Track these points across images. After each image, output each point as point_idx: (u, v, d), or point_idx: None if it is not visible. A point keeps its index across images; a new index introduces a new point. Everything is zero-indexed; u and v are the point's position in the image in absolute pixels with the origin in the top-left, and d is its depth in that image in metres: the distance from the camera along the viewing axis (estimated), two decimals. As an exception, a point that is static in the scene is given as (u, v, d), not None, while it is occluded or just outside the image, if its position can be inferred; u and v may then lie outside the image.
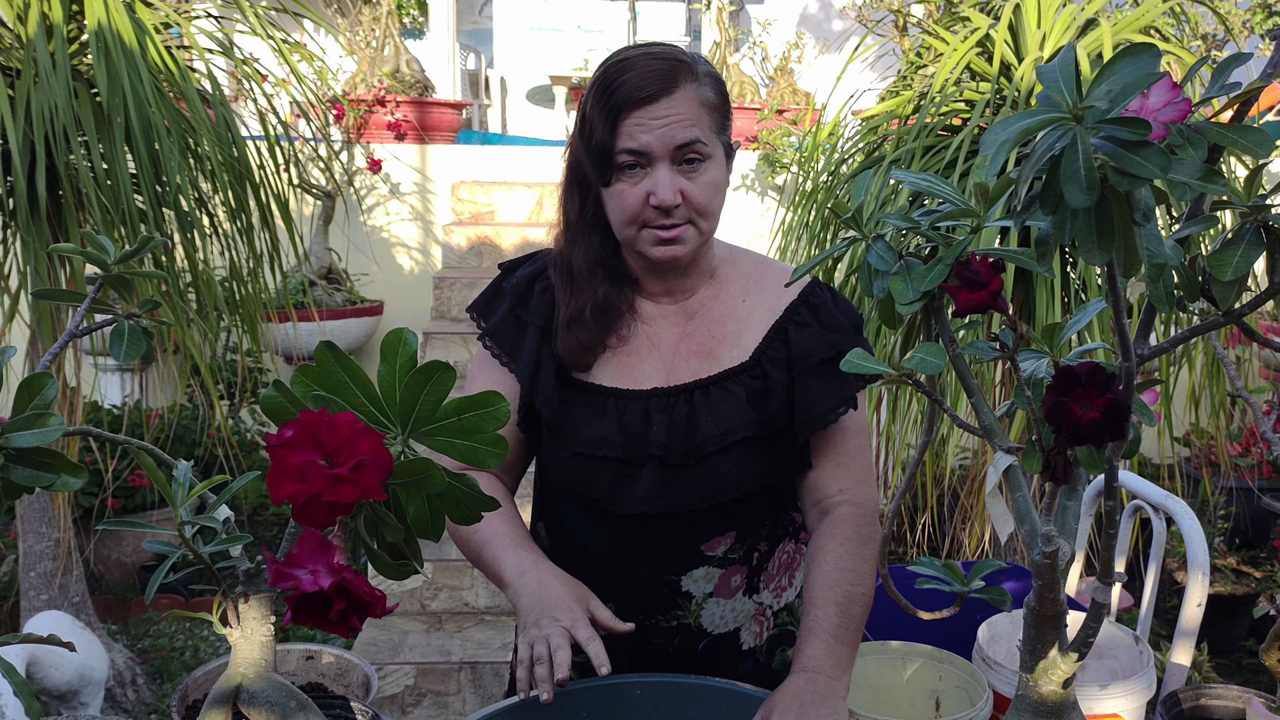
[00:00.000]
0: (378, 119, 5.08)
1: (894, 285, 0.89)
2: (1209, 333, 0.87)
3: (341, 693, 1.33)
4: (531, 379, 1.41)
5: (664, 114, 1.28)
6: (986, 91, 2.79)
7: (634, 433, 1.37)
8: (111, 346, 0.98)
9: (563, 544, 1.49)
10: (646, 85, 1.28)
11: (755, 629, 1.48)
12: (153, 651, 3.46)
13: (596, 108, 1.31)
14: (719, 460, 1.36)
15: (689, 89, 1.30)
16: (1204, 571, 1.49)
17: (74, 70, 2.58)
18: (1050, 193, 0.64)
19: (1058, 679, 0.90)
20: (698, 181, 1.31)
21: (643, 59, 1.31)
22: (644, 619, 1.43)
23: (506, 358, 1.43)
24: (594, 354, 1.40)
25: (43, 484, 0.86)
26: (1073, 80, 0.62)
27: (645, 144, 1.29)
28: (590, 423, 1.38)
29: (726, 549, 1.42)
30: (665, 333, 1.43)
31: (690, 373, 1.40)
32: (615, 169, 1.31)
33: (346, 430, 0.72)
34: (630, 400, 1.39)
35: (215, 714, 0.96)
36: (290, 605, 0.73)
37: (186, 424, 3.88)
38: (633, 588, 1.42)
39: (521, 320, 1.44)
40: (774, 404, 1.37)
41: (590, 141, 1.32)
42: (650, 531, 1.39)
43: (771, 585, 1.49)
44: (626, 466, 1.37)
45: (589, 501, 1.41)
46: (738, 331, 1.41)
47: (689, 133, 1.29)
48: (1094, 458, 0.86)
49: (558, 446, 1.41)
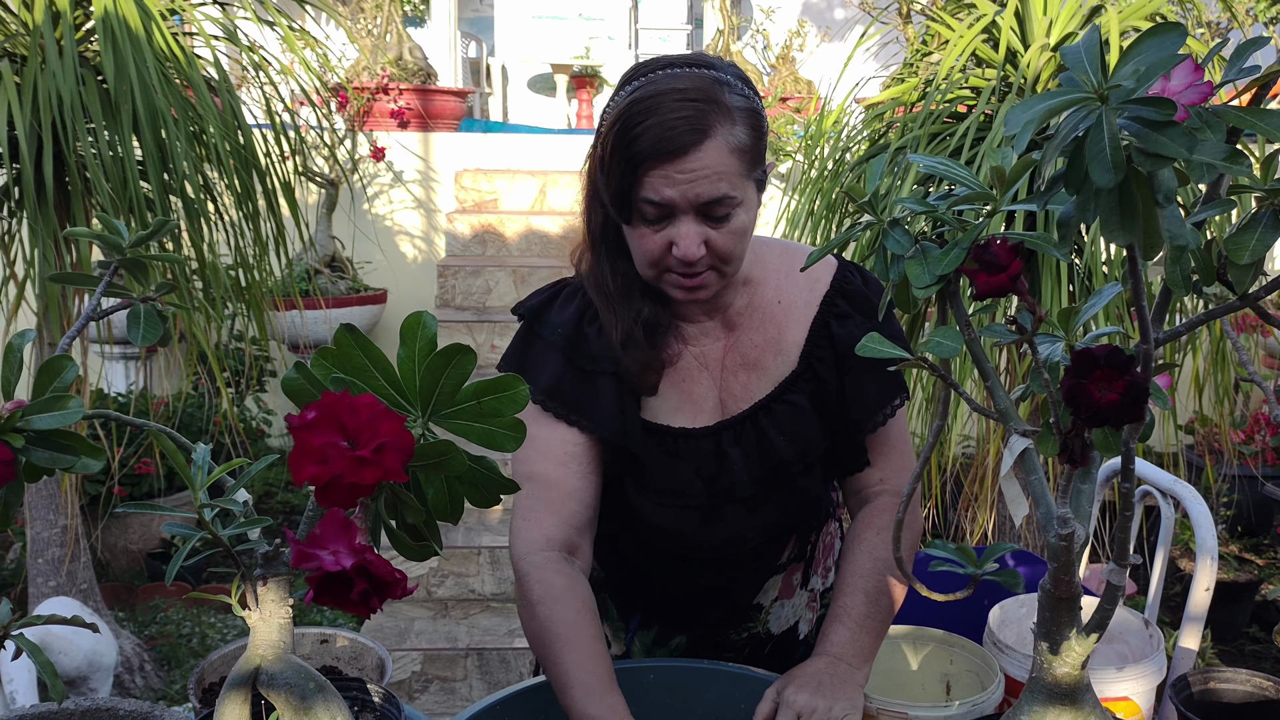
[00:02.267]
0: (381, 106, 5.08)
1: (910, 269, 0.89)
2: (1219, 318, 0.87)
3: (356, 675, 1.34)
4: (621, 427, 1.30)
5: (690, 169, 1.16)
6: (992, 78, 2.79)
7: (709, 473, 1.32)
8: (129, 330, 0.99)
9: (623, 580, 1.46)
10: (672, 138, 1.15)
11: (809, 616, 1.49)
12: (160, 638, 3.47)
13: (616, 153, 1.18)
14: (801, 479, 1.34)
15: (719, 137, 1.16)
16: (1212, 556, 1.50)
17: (81, 57, 2.57)
18: (1075, 173, 0.64)
19: (1073, 661, 0.90)
20: (723, 231, 1.21)
21: (670, 99, 1.16)
22: (716, 638, 1.42)
23: (575, 415, 1.30)
24: (656, 372, 1.31)
25: (63, 465, 0.86)
26: (1097, 60, 0.62)
27: (668, 198, 1.17)
28: (668, 468, 1.32)
29: (790, 554, 1.42)
30: (710, 349, 1.35)
31: (740, 387, 1.34)
32: (635, 214, 1.21)
33: (368, 412, 0.73)
34: (699, 440, 1.33)
35: (234, 695, 0.97)
36: (312, 585, 0.73)
37: (192, 411, 3.89)
38: (709, 615, 1.42)
39: (583, 370, 1.31)
40: (829, 404, 1.33)
41: (608, 181, 1.21)
42: (733, 564, 1.38)
43: (819, 569, 1.49)
44: (710, 511, 1.34)
45: (672, 548, 1.37)
46: (778, 335, 1.35)
47: (716, 189, 1.17)
48: (1110, 440, 0.87)
49: (641, 494, 1.35)
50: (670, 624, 1.41)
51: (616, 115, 1.19)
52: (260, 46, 3.11)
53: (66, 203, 2.60)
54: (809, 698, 1.14)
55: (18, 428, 0.84)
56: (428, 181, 5.08)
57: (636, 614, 1.44)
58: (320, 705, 0.96)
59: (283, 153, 2.99)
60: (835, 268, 1.37)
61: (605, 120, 1.22)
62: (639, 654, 1.45)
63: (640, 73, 1.22)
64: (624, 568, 1.45)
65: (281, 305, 3.19)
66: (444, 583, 3.49)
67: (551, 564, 1.24)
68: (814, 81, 5.58)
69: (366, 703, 1.12)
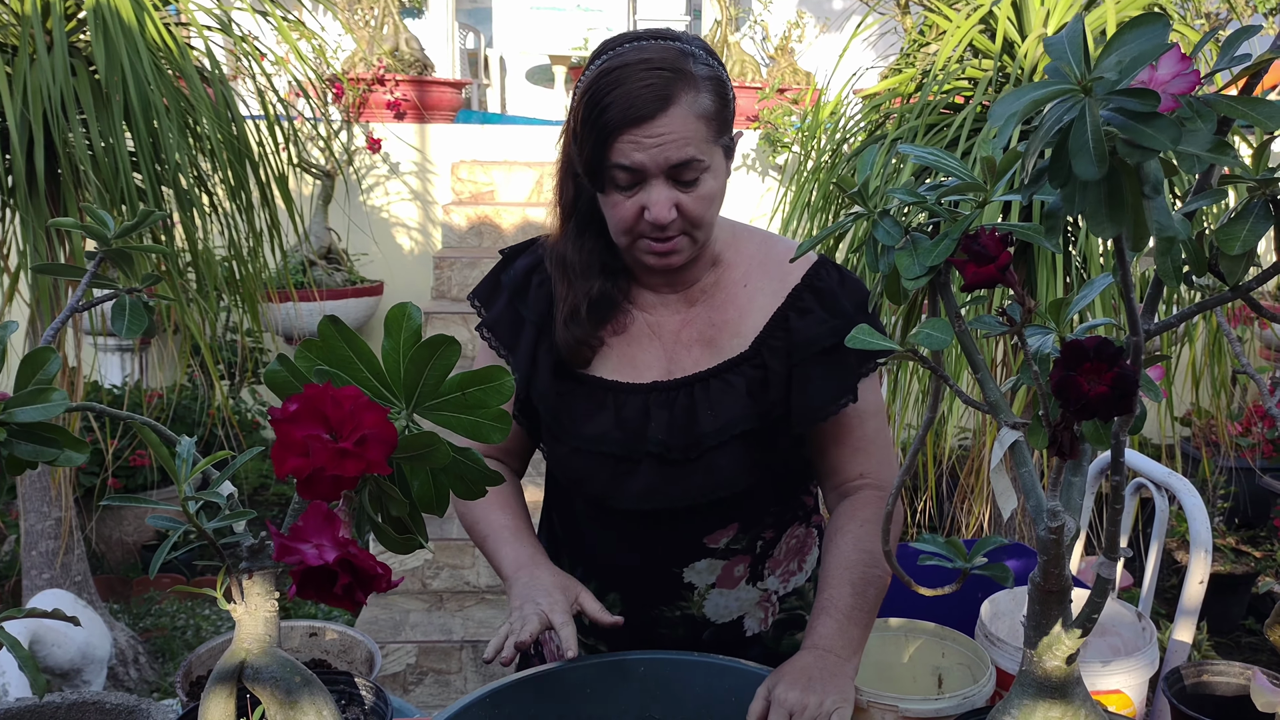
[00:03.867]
0: (377, 98, 5.06)
1: (900, 260, 0.88)
2: (1213, 310, 0.86)
3: (345, 669, 1.34)
4: (528, 376, 1.40)
5: (658, 133, 1.22)
6: (989, 69, 2.78)
7: (632, 428, 1.35)
8: (113, 321, 0.98)
9: (572, 534, 1.49)
10: (639, 105, 1.21)
11: (760, 615, 1.48)
12: (155, 630, 3.47)
13: (587, 122, 1.24)
14: (716, 455, 1.34)
15: (685, 103, 1.23)
16: (1206, 549, 1.50)
17: (72, 47, 2.56)
18: (1059, 165, 0.63)
19: (1062, 655, 0.90)
20: (693, 195, 1.26)
21: (637, 69, 1.22)
22: (648, 610, 1.43)
23: (505, 350, 1.43)
24: (591, 349, 1.38)
25: (46, 459, 0.86)
26: (1081, 52, 0.61)
27: (638, 162, 1.23)
28: (590, 417, 1.37)
29: (729, 540, 1.41)
30: (666, 320, 1.40)
31: (691, 363, 1.37)
32: (608, 181, 1.27)
33: (350, 404, 0.72)
34: (630, 394, 1.36)
35: (219, 690, 0.96)
36: (295, 579, 0.73)
37: (187, 404, 3.88)
38: (636, 579, 1.43)
39: (519, 315, 1.42)
40: (773, 395, 1.35)
41: (581, 151, 1.27)
42: (651, 525, 1.39)
43: (779, 571, 1.48)
44: (625, 462, 1.36)
45: (589, 496, 1.41)
46: (739, 318, 1.38)
47: (684, 152, 1.23)
48: (1100, 433, 0.86)
49: (557, 441, 1.40)
50: (605, 581, 1.44)
51: (586, 87, 1.25)
52: (255, 38, 3.09)
53: (58, 194, 2.59)
54: (800, 694, 1.14)
55: (1, 420, 0.83)
56: (424, 173, 5.07)
57: (579, 568, 1.46)
58: (306, 699, 0.96)
59: (276, 144, 2.98)
60: (812, 263, 1.39)
61: (577, 93, 1.28)
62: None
63: (609, 47, 1.29)
64: (567, 517, 1.49)
65: (276, 297, 3.18)
66: (439, 575, 3.49)
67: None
68: (813, 73, 5.56)
69: (354, 697, 1.11)
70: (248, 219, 2.86)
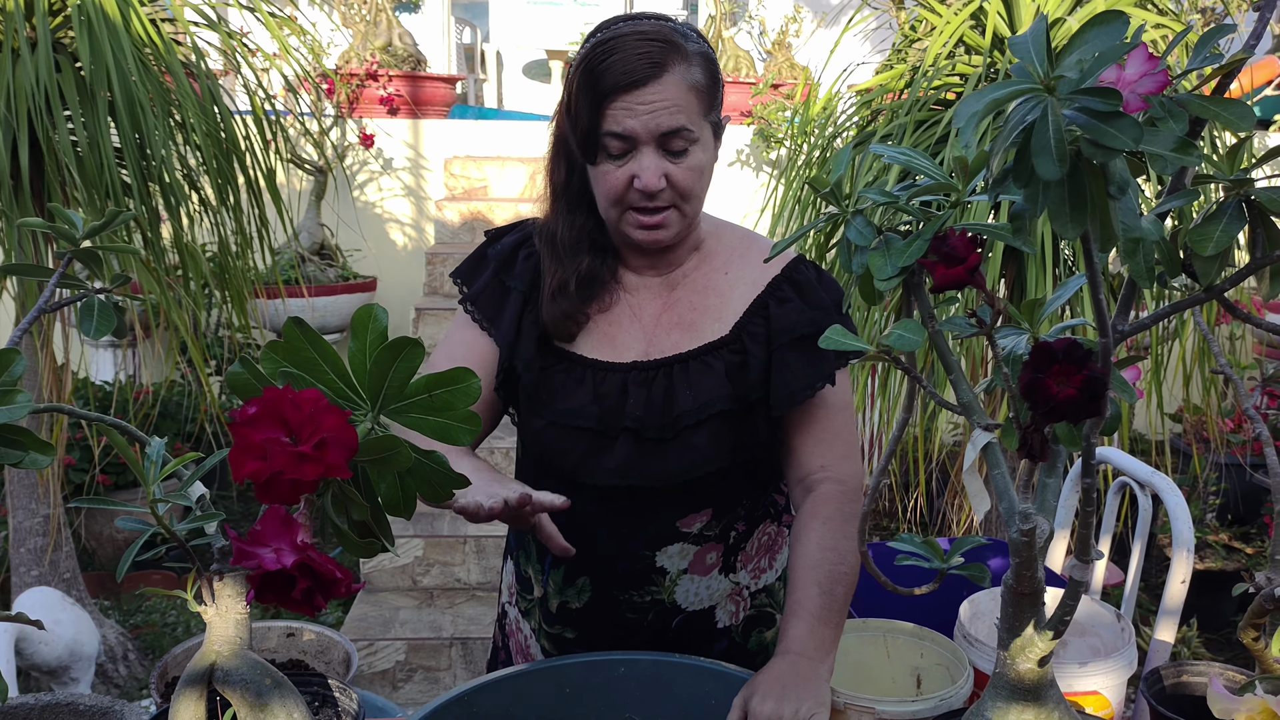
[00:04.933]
0: (370, 94, 5.05)
1: (872, 261, 0.88)
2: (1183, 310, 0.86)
3: (322, 670, 1.33)
4: (512, 344, 1.41)
5: (651, 99, 1.26)
6: (980, 65, 2.77)
7: (610, 404, 1.37)
8: (81, 322, 0.97)
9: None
10: (633, 70, 1.26)
11: (731, 608, 1.48)
12: (144, 627, 3.47)
13: (581, 89, 1.29)
14: (693, 434, 1.36)
15: (677, 73, 1.28)
16: (1188, 549, 1.49)
17: (56, 43, 2.55)
18: (1022, 165, 0.62)
19: (1034, 657, 0.89)
20: (682, 166, 1.30)
21: (631, 39, 1.28)
22: (618, 593, 1.43)
23: (488, 323, 1.44)
24: (576, 324, 1.40)
25: (10, 461, 0.85)
26: (1044, 50, 0.60)
27: (630, 129, 1.27)
28: (567, 392, 1.38)
29: (702, 526, 1.42)
30: (647, 303, 1.42)
31: (671, 345, 1.40)
32: (600, 150, 1.30)
33: (310, 407, 0.71)
34: (609, 372, 1.38)
35: (189, 693, 0.96)
36: (253, 584, 0.72)
37: (177, 400, 3.87)
38: (607, 561, 1.42)
39: (505, 286, 1.44)
40: (751, 378, 1.37)
41: (575, 121, 1.31)
42: (624, 505, 1.39)
43: (749, 566, 1.48)
44: (600, 438, 1.37)
45: (562, 472, 1.40)
46: (720, 304, 1.41)
47: (675, 119, 1.27)
48: (1072, 435, 0.86)
49: (534, 414, 1.41)
50: (574, 563, 1.42)
51: (582, 58, 1.30)
52: (246, 33, 3.08)
53: (44, 191, 2.58)
54: (774, 705, 1.14)
55: (-37, 422, 0.82)
56: (417, 169, 5.06)
57: (549, 553, 1.45)
58: (277, 702, 0.95)
59: (266, 140, 2.97)
60: (790, 259, 1.43)
61: (573, 66, 1.32)
62: (553, 596, 1.47)
63: (603, 27, 1.34)
64: None
65: (265, 294, 3.17)
66: (429, 571, 3.49)
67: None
68: (809, 68, 5.54)
69: (328, 698, 1.11)
70: (235, 215, 2.85)
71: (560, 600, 1.46)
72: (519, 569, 1.53)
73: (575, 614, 1.45)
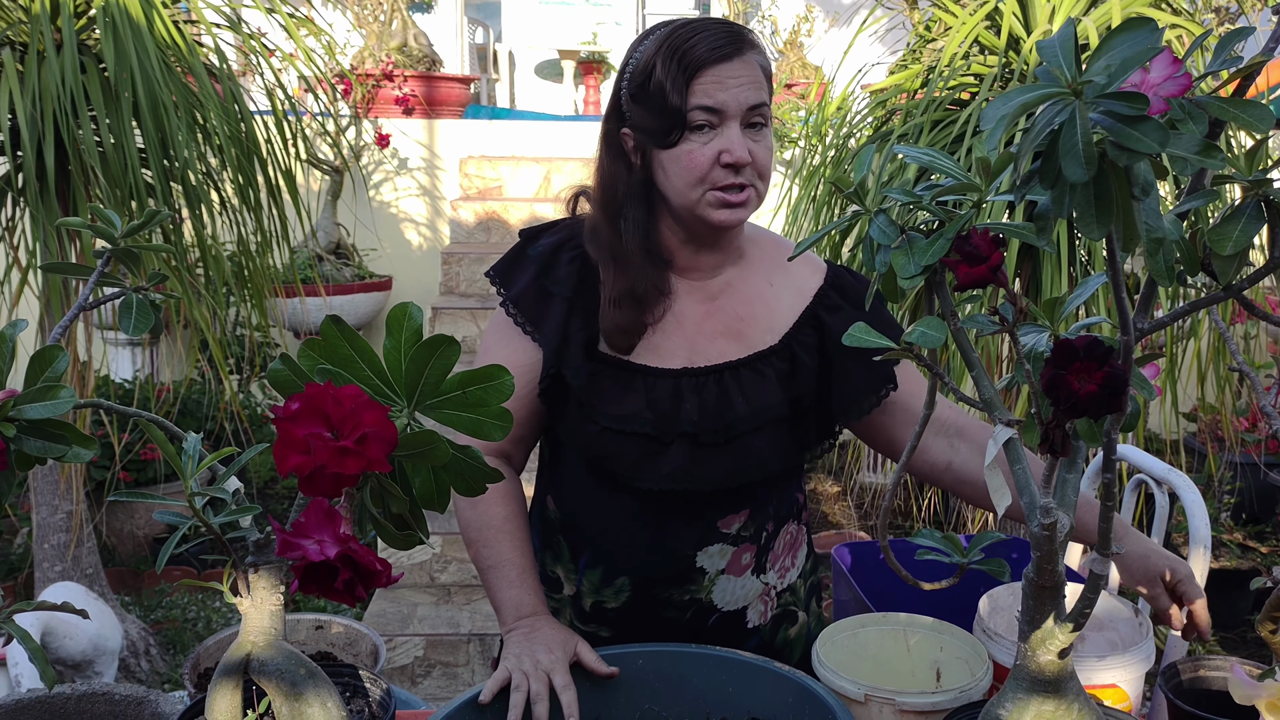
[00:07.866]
0: (385, 94, 5.08)
1: (895, 259, 0.89)
2: (1202, 309, 0.87)
3: (350, 661, 1.35)
4: (559, 350, 1.38)
5: (738, 73, 1.29)
6: (995, 65, 2.78)
7: (663, 409, 1.36)
8: (120, 319, 0.99)
9: (574, 518, 1.49)
10: (720, 46, 1.29)
11: (760, 608, 1.50)
12: (166, 622, 3.50)
13: (667, 68, 1.29)
14: (752, 438, 1.37)
15: (752, 55, 1.32)
16: (1205, 546, 1.50)
17: (81, 45, 2.58)
18: (1049, 167, 0.64)
19: (1055, 649, 0.91)
20: (762, 145, 1.33)
21: (707, 22, 1.33)
22: (659, 592, 1.44)
23: (530, 326, 1.40)
24: (635, 336, 1.38)
25: (54, 455, 0.87)
26: (1072, 55, 0.62)
27: (721, 102, 1.29)
28: (618, 398, 1.37)
29: (740, 526, 1.43)
30: (689, 310, 1.41)
31: (717, 353, 1.40)
32: (686, 129, 1.30)
33: (351, 403, 0.73)
34: (659, 378, 1.38)
35: (225, 682, 0.98)
36: (297, 575, 0.74)
37: (197, 398, 3.91)
38: (649, 561, 1.43)
39: (546, 290, 1.40)
40: (802, 384, 1.39)
41: (657, 102, 1.30)
42: (672, 507, 1.40)
43: (776, 565, 1.50)
44: (654, 443, 1.37)
45: (615, 475, 1.40)
46: (769, 315, 1.42)
47: (759, 94, 1.31)
48: (1093, 431, 0.87)
49: (585, 419, 1.39)
50: (614, 564, 1.44)
51: (659, 44, 1.31)
52: (264, 34, 3.11)
53: (69, 191, 2.62)
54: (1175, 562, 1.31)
55: (10, 417, 0.85)
56: (432, 169, 5.08)
57: (585, 553, 1.47)
58: (311, 692, 0.97)
59: (285, 141, 3.00)
60: (827, 269, 1.46)
61: (643, 57, 1.33)
62: (588, 594, 1.47)
63: (666, 24, 1.35)
64: (573, 499, 1.48)
65: (283, 293, 3.20)
66: (447, 568, 3.51)
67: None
68: (821, 67, 5.55)
69: (359, 689, 1.13)
70: (255, 215, 2.88)
71: (595, 599, 1.47)
72: (545, 569, 1.53)
73: (612, 613, 1.46)
